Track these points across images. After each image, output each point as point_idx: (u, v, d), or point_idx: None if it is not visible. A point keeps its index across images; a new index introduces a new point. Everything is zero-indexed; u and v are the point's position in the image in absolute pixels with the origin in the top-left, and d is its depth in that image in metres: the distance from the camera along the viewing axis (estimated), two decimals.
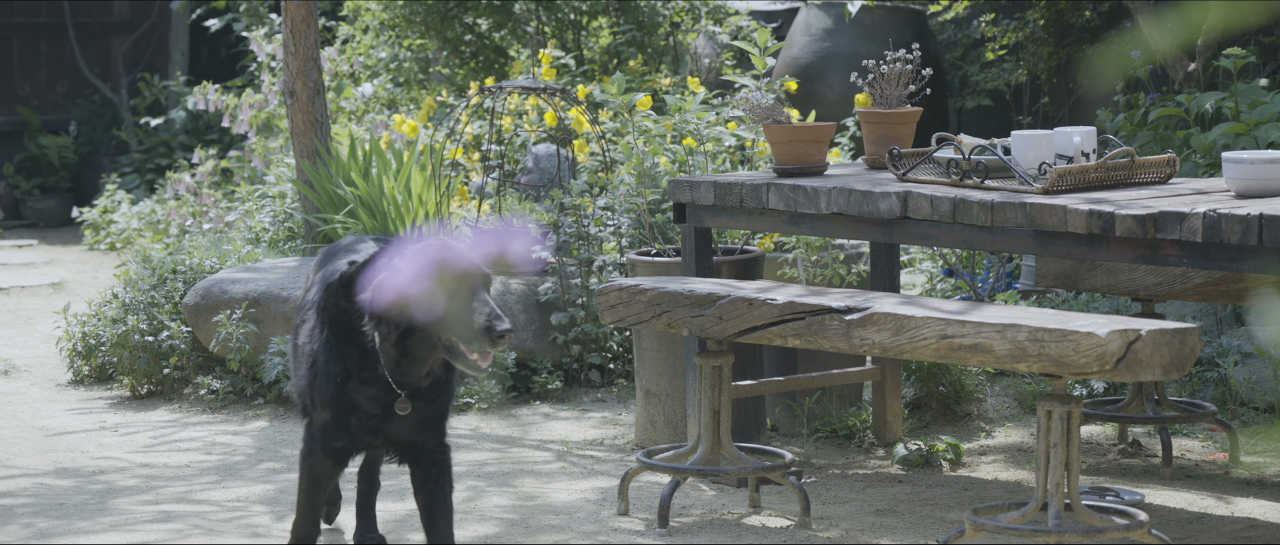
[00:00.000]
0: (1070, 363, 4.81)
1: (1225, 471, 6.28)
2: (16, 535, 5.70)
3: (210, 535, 5.68)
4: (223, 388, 7.50)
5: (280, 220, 9.00)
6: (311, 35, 8.50)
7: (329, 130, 8.59)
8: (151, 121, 13.70)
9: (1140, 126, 8.03)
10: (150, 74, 14.32)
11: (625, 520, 5.80)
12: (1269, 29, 8.70)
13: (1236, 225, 4.90)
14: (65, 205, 13.85)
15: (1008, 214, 5.34)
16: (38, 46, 14.69)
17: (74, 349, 8.01)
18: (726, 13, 10.37)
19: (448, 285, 4.68)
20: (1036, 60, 9.73)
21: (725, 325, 5.62)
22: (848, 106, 9.48)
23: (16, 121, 14.44)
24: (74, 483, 6.36)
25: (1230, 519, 5.71)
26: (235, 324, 7.42)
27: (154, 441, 6.98)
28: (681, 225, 6.24)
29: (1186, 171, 7.39)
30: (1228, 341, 7.03)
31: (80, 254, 12.08)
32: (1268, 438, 6.62)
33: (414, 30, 10.88)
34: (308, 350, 4.96)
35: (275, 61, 10.82)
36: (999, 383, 7.26)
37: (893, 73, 6.27)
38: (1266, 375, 6.81)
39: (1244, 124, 7.38)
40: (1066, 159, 5.60)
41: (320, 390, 4.88)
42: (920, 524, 5.68)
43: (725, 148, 8.27)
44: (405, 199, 8.34)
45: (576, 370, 7.74)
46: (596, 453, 6.71)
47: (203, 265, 8.02)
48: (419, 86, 10.80)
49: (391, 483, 6.28)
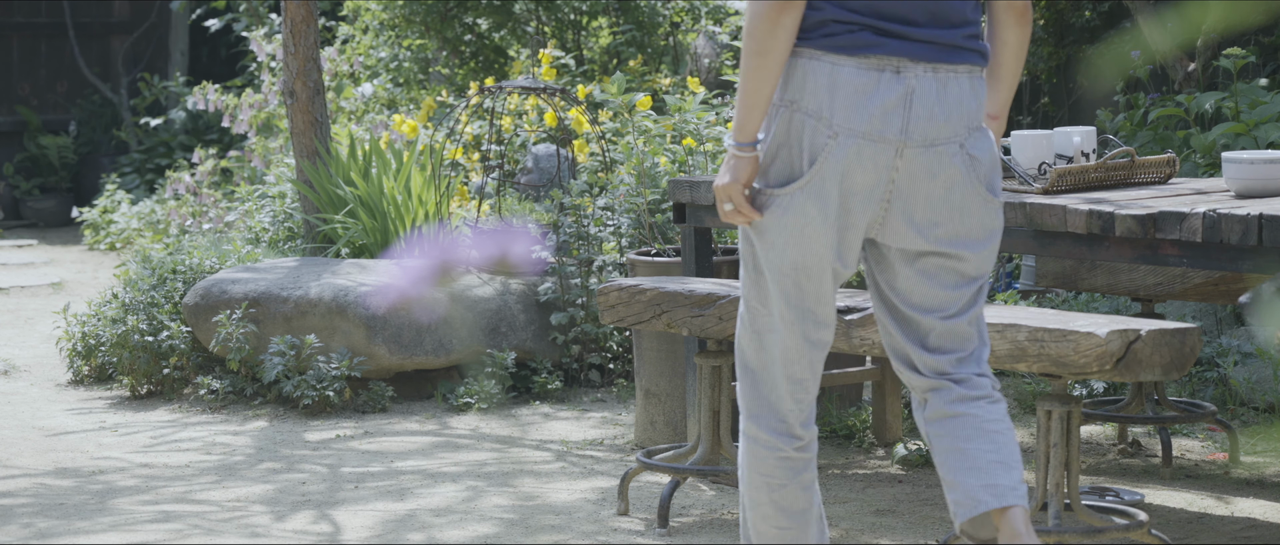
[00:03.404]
0: (1070, 363, 4.81)
1: (1225, 471, 6.28)
2: (16, 535, 5.70)
3: (210, 535, 5.68)
4: (223, 388, 7.50)
5: (280, 220, 9.01)
6: (311, 35, 8.50)
7: (329, 130, 8.59)
8: (151, 121, 13.70)
9: (1140, 126, 8.04)
10: (150, 74, 14.32)
11: (625, 520, 5.80)
12: (1269, 29, 8.70)
13: (1236, 225, 4.90)
14: (65, 205, 13.86)
15: (1007, 214, 5.34)
16: (38, 46, 14.70)
17: (74, 349, 8.02)
18: (726, 13, 10.37)
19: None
20: (1036, 60, 9.73)
21: (725, 325, 5.62)
22: None
23: (16, 121, 14.45)
24: (73, 483, 6.36)
25: (1230, 519, 5.71)
26: (235, 324, 7.42)
27: (154, 441, 6.98)
28: (681, 225, 6.24)
29: (1186, 171, 7.40)
30: (1228, 341, 7.03)
31: (80, 254, 12.08)
32: (1267, 438, 6.62)
33: (414, 30, 10.88)
34: None
35: (275, 61, 10.83)
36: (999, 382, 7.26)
37: None
38: (1266, 375, 6.81)
39: (1244, 124, 7.38)
40: (1066, 159, 5.60)
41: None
42: (920, 524, 5.68)
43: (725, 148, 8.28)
44: (405, 199, 8.34)
45: (576, 370, 7.74)
46: (596, 453, 6.71)
47: (202, 265, 8.02)
48: (419, 86, 10.80)
49: (391, 483, 6.29)
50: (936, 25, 4.08)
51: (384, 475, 6.40)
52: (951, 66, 4.08)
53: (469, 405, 7.40)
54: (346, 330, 7.40)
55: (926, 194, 4.10)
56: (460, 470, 6.44)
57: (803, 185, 4.06)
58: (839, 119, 4.04)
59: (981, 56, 4.14)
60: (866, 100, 4.04)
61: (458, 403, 7.41)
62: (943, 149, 4.09)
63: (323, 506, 5.99)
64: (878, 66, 4.04)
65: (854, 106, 4.04)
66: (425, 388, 7.63)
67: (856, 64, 4.04)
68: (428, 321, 7.44)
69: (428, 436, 7.00)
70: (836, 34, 4.05)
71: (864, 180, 4.06)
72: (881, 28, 4.05)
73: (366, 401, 7.42)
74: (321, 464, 6.58)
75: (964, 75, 4.10)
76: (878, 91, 4.04)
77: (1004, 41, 4.30)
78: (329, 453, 6.75)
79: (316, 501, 6.05)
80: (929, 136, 4.07)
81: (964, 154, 4.11)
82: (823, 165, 4.05)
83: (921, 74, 4.06)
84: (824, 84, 4.04)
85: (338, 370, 7.33)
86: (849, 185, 4.06)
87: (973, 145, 4.12)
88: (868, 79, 4.04)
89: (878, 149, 4.05)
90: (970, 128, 4.11)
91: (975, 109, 4.12)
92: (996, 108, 4.32)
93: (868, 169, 4.06)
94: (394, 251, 8.20)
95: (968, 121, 4.10)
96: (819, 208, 4.07)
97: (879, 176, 4.07)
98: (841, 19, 4.05)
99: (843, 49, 4.04)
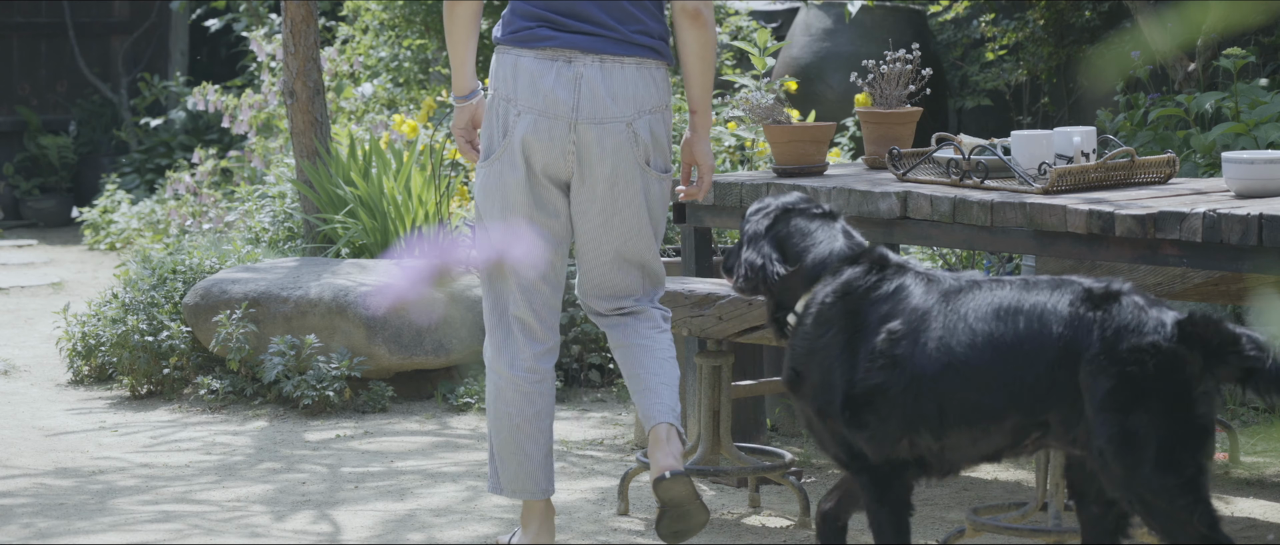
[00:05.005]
0: None
1: (1225, 471, 6.28)
2: (16, 535, 5.70)
3: (210, 535, 5.68)
4: (222, 388, 7.50)
5: (280, 220, 9.01)
6: (311, 35, 8.50)
7: (329, 130, 8.59)
8: (151, 121, 13.70)
9: (1140, 126, 8.03)
10: (150, 74, 14.32)
11: (625, 520, 5.80)
12: (1269, 29, 8.70)
13: (1236, 225, 4.89)
14: (65, 205, 13.85)
15: (1007, 214, 5.34)
16: (38, 46, 14.69)
17: (74, 349, 8.01)
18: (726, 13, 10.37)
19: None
20: (1036, 60, 9.73)
21: (725, 325, 5.62)
22: (848, 106, 9.48)
23: (16, 121, 14.44)
24: (73, 483, 6.36)
25: (1230, 519, 5.71)
26: (235, 324, 7.42)
27: (154, 441, 6.98)
28: (681, 225, 6.24)
29: (1186, 171, 7.39)
30: None
31: (80, 254, 12.08)
32: (1268, 438, 6.61)
33: (414, 30, 10.88)
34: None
35: (275, 61, 10.82)
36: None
37: (893, 73, 6.27)
38: None
39: (1244, 124, 7.38)
40: (1066, 159, 5.60)
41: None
42: (920, 524, 5.67)
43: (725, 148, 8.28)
44: (405, 199, 8.34)
45: (576, 370, 7.74)
46: (596, 453, 6.71)
47: (202, 265, 8.02)
48: (419, 86, 10.80)
49: (391, 483, 6.29)
50: (606, 24, 5.02)
51: (384, 475, 6.40)
52: (618, 58, 5.02)
53: (469, 405, 7.40)
54: (346, 330, 7.40)
55: (599, 161, 5.02)
56: (460, 470, 6.44)
57: (500, 155, 5.04)
58: (522, 99, 5.02)
59: (652, 51, 5.07)
60: (541, 83, 5.01)
61: (458, 403, 7.41)
62: (609, 126, 5.02)
63: (323, 506, 5.99)
64: (552, 57, 5.01)
65: (532, 89, 5.01)
66: (425, 388, 7.63)
67: (535, 55, 5.02)
68: (427, 322, 7.44)
69: (428, 436, 7.00)
70: (520, 31, 5.05)
71: (544, 148, 5.02)
72: (557, 24, 5.02)
73: (366, 401, 7.42)
74: (321, 464, 6.58)
75: (631, 66, 5.03)
76: (550, 77, 5.01)
77: (683, 42, 5.13)
78: (329, 453, 6.75)
79: (316, 501, 6.05)
80: (596, 115, 5.01)
81: (629, 131, 5.03)
82: (511, 136, 5.04)
83: (590, 63, 5.01)
84: (510, 72, 5.04)
85: (338, 370, 7.33)
86: (531, 151, 5.02)
87: (639, 125, 5.04)
88: (543, 67, 5.01)
89: (552, 123, 5.01)
90: (640, 110, 5.03)
91: (645, 94, 5.04)
92: (694, 102, 5.16)
93: (545, 139, 5.02)
94: (394, 252, 8.20)
95: (635, 105, 5.03)
96: (512, 170, 5.06)
97: (558, 145, 5.02)
98: (526, 19, 5.05)
99: (524, 43, 5.04)
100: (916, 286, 4.50)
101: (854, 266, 4.60)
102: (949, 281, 4.49)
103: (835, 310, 4.55)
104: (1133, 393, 4.23)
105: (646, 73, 5.05)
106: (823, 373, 4.54)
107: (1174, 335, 4.24)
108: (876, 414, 4.45)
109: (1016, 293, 4.39)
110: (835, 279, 4.59)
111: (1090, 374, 4.26)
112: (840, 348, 4.51)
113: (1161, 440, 4.22)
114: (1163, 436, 4.22)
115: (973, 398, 4.36)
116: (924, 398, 4.39)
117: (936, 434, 4.41)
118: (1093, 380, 4.25)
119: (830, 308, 4.56)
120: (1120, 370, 4.23)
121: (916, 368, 4.39)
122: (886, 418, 4.44)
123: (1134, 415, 4.22)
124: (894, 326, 4.44)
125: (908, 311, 4.46)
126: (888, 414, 4.43)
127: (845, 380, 4.48)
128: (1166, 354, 4.23)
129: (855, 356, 4.48)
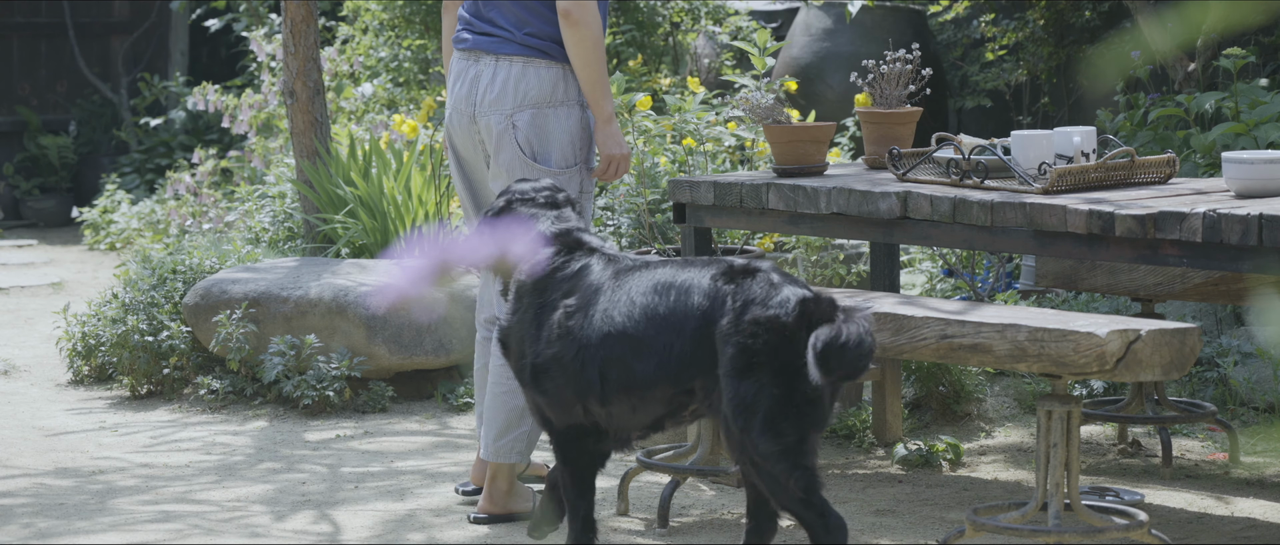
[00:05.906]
0: (1070, 363, 4.82)
1: (1225, 471, 6.28)
2: (16, 535, 5.70)
3: (210, 535, 5.68)
4: (222, 388, 7.49)
5: (280, 220, 9.00)
6: (311, 35, 8.50)
7: (329, 130, 8.59)
8: (151, 121, 13.69)
9: (1140, 126, 8.03)
10: (150, 74, 14.32)
11: (625, 520, 5.80)
12: (1269, 29, 8.70)
13: (1236, 225, 4.90)
14: (65, 205, 13.85)
15: (1007, 214, 5.34)
16: (38, 46, 14.69)
17: (74, 349, 8.01)
18: (726, 13, 10.37)
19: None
20: (1036, 60, 9.73)
21: None
22: (848, 106, 9.48)
23: (16, 121, 14.44)
24: (73, 483, 6.36)
25: (1230, 519, 5.71)
26: (235, 324, 7.42)
27: (154, 441, 6.98)
28: (681, 225, 6.24)
29: (1186, 171, 7.39)
30: (1228, 341, 7.03)
31: (80, 254, 12.08)
32: (1268, 438, 6.61)
33: (414, 30, 10.88)
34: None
35: (275, 61, 10.82)
36: (999, 383, 7.25)
37: (893, 73, 6.27)
38: (1266, 375, 6.81)
39: (1244, 124, 7.38)
40: (1066, 159, 5.60)
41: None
42: (920, 524, 5.68)
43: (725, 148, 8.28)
44: (405, 199, 8.34)
45: None
46: None
47: (202, 265, 8.01)
48: (419, 86, 10.80)
49: (391, 483, 6.29)
50: (503, 26, 5.58)
51: (384, 475, 6.40)
52: (507, 57, 5.58)
53: (469, 405, 7.40)
54: (346, 330, 7.40)
55: (496, 153, 5.58)
56: (460, 470, 6.44)
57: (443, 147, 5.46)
58: (449, 95, 5.69)
59: (539, 51, 5.55)
60: (456, 81, 5.67)
61: (458, 403, 7.41)
62: (495, 119, 5.57)
63: (323, 506, 5.99)
64: (465, 57, 5.66)
65: (452, 86, 5.69)
66: (425, 388, 7.63)
67: (458, 56, 5.68)
68: (428, 321, 7.44)
69: (428, 436, 7.00)
70: (456, 35, 5.71)
71: (461, 140, 5.70)
72: (471, 26, 5.66)
73: (366, 401, 7.42)
74: (321, 464, 6.58)
75: (517, 63, 5.56)
76: (461, 74, 5.66)
77: (564, 41, 5.53)
78: (329, 453, 6.75)
79: (316, 501, 6.05)
80: (485, 109, 5.59)
81: (509, 124, 5.56)
82: (445, 130, 5.72)
83: (486, 62, 5.60)
84: (450, 72, 5.72)
85: (338, 370, 7.33)
86: (453, 141, 5.73)
87: (519, 118, 5.56)
88: (460, 66, 5.67)
89: (462, 117, 5.67)
90: (521, 105, 5.56)
91: (528, 90, 5.55)
92: (584, 95, 5.60)
93: (459, 132, 5.69)
94: (394, 251, 8.20)
95: (517, 100, 5.56)
96: (451, 162, 5.77)
97: (469, 137, 5.66)
98: (460, 23, 5.70)
99: (455, 44, 5.72)
100: (597, 265, 4.91)
101: (549, 248, 4.98)
102: (627, 262, 4.89)
103: (527, 288, 4.98)
104: (748, 361, 4.58)
105: (533, 70, 5.56)
106: (518, 344, 4.97)
107: (794, 311, 4.54)
108: (553, 382, 4.87)
109: (674, 269, 4.77)
110: (532, 260, 4.97)
111: (720, 342, 4.62)
112: (529, 322, 4.93)
113: (768, 408, 4.56)
114: (769, 404, 4.56)
115: (629, 366, 4.73)
116: (588, 366, 4.79)
117: (602, 401, 4.81)
118: (721, 348, 4.61)
119: (524, 286, 4.98)
120: (741, 340, 4.58)
121: (584, 338, 4.80)
122: (563, 385, 4.85)
123: (746, 382, 4.58)
124: (570, 302, 4.85)
125: (583, 288, 4.87)
126: (563, 382, 4.85)
127: (532, 351, 4.91)
128: (782, 327, 4.54)
129: (539, 330, 4.90)
